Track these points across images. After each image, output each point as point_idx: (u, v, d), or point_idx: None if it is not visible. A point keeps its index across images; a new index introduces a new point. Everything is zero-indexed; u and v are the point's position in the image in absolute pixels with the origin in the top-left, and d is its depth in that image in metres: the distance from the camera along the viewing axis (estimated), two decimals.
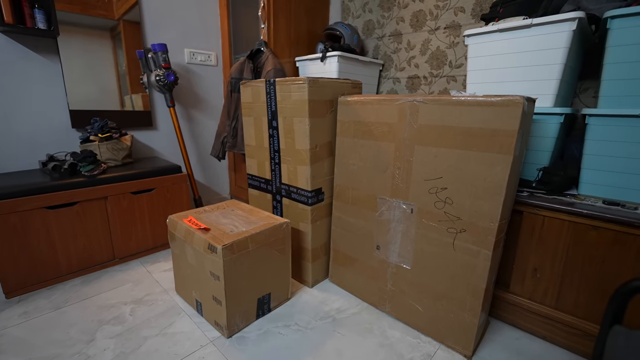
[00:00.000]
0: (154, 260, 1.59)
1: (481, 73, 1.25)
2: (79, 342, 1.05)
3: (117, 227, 1.50)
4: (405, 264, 1.10)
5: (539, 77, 1.11)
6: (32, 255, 1.29)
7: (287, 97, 1.21)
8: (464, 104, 0.90)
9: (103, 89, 1.75)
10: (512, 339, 1.08)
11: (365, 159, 1.16)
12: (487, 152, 0.87)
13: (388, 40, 1.96)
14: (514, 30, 1.14)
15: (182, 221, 1.17)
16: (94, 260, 1.46)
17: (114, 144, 1.61)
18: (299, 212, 1.31)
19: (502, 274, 1.13)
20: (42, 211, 1.28)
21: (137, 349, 1.02)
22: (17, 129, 1.55)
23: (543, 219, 1.02)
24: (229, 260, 1.01)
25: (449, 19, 1.69)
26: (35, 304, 1.23)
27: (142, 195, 1.56)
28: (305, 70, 1.94)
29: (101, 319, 1.15)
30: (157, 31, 1.92)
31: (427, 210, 1.01)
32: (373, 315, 1.20)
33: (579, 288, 0.99)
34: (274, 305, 1.22)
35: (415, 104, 0.99)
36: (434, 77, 1.80)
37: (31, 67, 1.55)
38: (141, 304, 1.24)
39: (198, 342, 1.05)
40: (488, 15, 1.30)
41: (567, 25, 1.03)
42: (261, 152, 1.40)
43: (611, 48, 0.97)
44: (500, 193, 0.86)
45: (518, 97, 0.81)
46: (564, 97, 1.20)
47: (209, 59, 2.17)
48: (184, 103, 2.11)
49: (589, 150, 1.03)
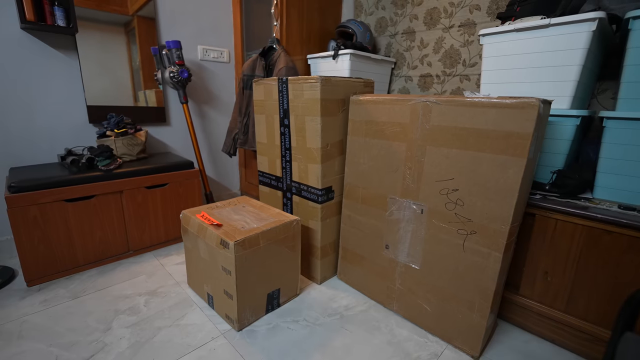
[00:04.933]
0: (166, 253, 1.63)
1: (496, 73, 1.23)
2: (96, 330, 1.09)
3: (131, 220, 1.54)
4: (414, 263, 1.10)
5: (556, 78, 1.09)
6: (52, 245, 1.34)
7: (300, 96, 1.22)
8: (477, 105, 0.89)
9: (118, 84, 1.78)
10: (520, 341, 1.08)
11: (376, 158, 1.16)
12: (500, 154, 0.87)
13: (401, 38, 1.94)
14: (532, 30, 1.12)
15: (195, 216, 1.19)
16: (109, 252, 1.51)
17: (129, 140, 1.64)
18: (309, 209, 1.33)
19: (512, 276, 1.13)
20: (61, 204, 1.33)
21: (152, 338, 1.06)
22: (37, 123, 1.61)
23: (556, 222, 1.01)
24: (241, 255, 1.03)
25: (464, 16, 1.67)
26: (55, 292, 1.29)
27: (156, 190, 1.59)
28: (317, 68, 1.94)
29: (117, 309, 1.19)
30: (171, 28, 1.95)
31: (437, 211, 1.01)
32: (381, 313, 1.21)
33: (590, 293, 0.98)
34: (283, 300, 1.25)
35: (428, 105, 0.99)
36: (447, 76, 1.78)
37: (51, 63, 1.60)
38: (155, 296, 1.28)
39: (209, 334, 1.08)
40: (504, 14, 1.28)
41: (586, 25, 1.00)
42: (272, 150, 1.42)
43: (632, 49, 0.94)
44: (512, 196, 0.86)
45: (534, 99, 0.80)
46: (581, 98, 1.18)
47: (221, 56, 2.19)
48: (196, 99, 2.14)
49: (606, 153, 1.01)
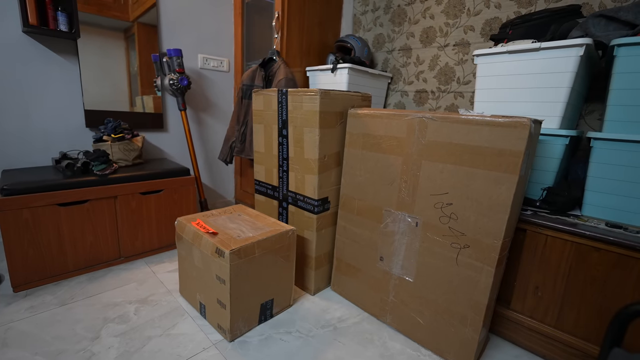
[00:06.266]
0: (158, 260, 1.61)
1: (489, 92, 1.28)
2: (84, 339, 1.06)
3: (124, 226, 1.53)
4: (408, 276, 1.11)
5: (546, 99, 1.14)
6: (41, 250, 1.31)
7: (299, 107, 1.24)
8: (471, 123, 0.92)
9: (116, 89, 1.79)
10: (511, 356, 1.09)
11: (373, 171, 1.19)
12: (493, 170, 0.89)
13: (398, 54, 2.00)
14: (523, 53, 1.17)
15: (190, 224, 1.19)
16: (100, 258, 1.48)
17: (125, 145, 1.64)
18: (304, 219, 1.33)
19: (503, 291, 1.14)
20: (53, 208, 1.31)
21: (141, 348, 1.04)
22: (34, 127, 1.60)
23: (546, 238, 1.03)
24: (236, 264, 1.02)
25: (459, 36, 1.73)
26: (42, 299, 1.25)
27: (151, 196, 1.58)
28: (315, 80, 1.98)
29: (106, 317, 1.17)
30: (173, 36, 1.97)
31: (432, 224, 1.03)
32: (374, 326, 1.21)
33: (579, 308, 1.00)
34: (277, 311, 1.24)
35: (424, 121, 1.02)
36: (441, 92, 1.83)
37: (51, 67, 1.60)
38: (145, 304, 1.26)
39: (201, 345, 1.07)
40: (497, 36, 1.33)
41: (574, 50, 1.06)
42: (270, 159, 1.43)
43: (617, 75, 0.99)
44: (504, 211, 0.88)
45: (525, 119, 0.84)
46: (570, 119, 1.22)
47: (221, 65, 2.22)
48: (194, 107, 2.15)
49: (593, 172, 1.05)
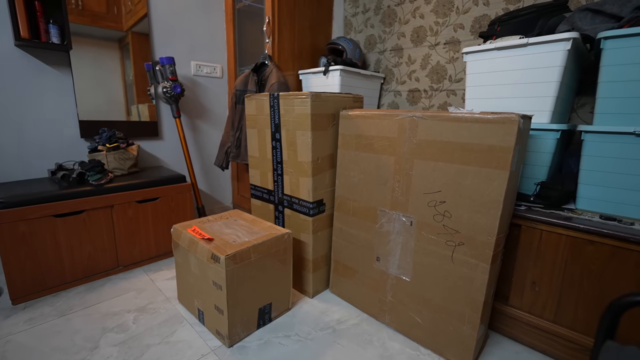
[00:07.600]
0: (157, 268, 1.61)
1: (480, 89, 1.28)
2: (83, 349, 1.06)
3: (122, 236, 1.53)
4: (405, 275, 1.11)
5: (536, 94, 1.14)
6: (39, 262, 1.31)
7: (291, 111, 1.25)
8: (461, 120, 0.93)
9: (111, 99, 1.80)
10: (511, 353, 1.09)
11: (366, 171, 1.19)
12: (485, 167, 0.90)
13: (389, 54, 2.01)
14: (511, 49, 1.17)
15: (186, 231, 1.19)
16: (98, 268, 1.48)
17: (120, 154, 1.65)
18: (300, 222, 1.33)
19: (501, 287, 1.14)
20: (50, 219, 1.31)
21: (140, 357, 1.04)
22: (28, 139, 1.60)
23: (541, 232, 1.03)
24: (232, 270, 1.03)
25: (449, 35, 1.74)
26: (41, 310, 1.26)
27: (147, 204, 1.59)
28: (308, 83, 1.98)
29: (105, 327, 1.17)
30: (165, 44, 1.98)
31: (426, 222, 1.03)
32: (373, 327, 1.21)
33: (577, 302, 0.99)
34: (275, 315, 1.24)
35: (414, 120, 1.02)
36: (434, 91, 1.84)
37: (44, 79, 1.61)
38: (144, 312, 1.26)
39: (199, 351, 1.06)
40: (486, 33, 1.34)
41: (562, 45, 1.06)
42: (264, 163, 1.44)
43: (605, 67, 1.00)
44: (497, 207, 0.88)
45: (514, 115, 0.84)
46: (561, 112, 1.23)
47: (214, 71, 2.23)
48: (189, 114, 2.16)
49: (586, 165, 1.05)
